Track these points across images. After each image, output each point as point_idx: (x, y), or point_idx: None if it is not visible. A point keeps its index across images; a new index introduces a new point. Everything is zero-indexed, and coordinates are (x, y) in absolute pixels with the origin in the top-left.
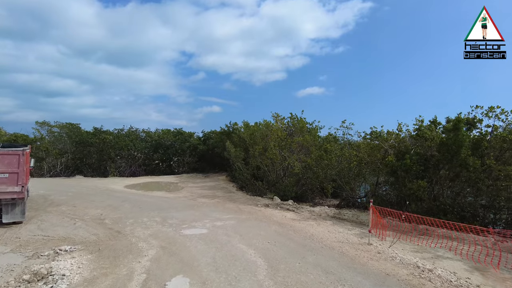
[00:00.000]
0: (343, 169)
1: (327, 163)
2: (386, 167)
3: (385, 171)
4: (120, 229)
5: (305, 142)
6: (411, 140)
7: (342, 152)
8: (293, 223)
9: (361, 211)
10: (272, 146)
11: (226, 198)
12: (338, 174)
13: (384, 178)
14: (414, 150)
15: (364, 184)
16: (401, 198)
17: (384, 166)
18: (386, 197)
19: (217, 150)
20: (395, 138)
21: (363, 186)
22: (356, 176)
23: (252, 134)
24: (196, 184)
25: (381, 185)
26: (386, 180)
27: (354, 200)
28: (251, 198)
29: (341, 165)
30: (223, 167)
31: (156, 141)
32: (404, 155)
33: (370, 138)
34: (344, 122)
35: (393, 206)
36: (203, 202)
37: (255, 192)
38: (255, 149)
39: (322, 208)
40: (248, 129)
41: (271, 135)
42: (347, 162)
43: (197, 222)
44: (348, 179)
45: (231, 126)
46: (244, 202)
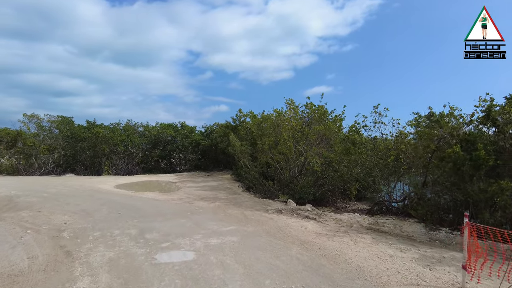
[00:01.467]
0: (376, 166)
1: (355, 158)
2: (441, 161)
3: (442, 167)
4: (74, 249)
5: (327, 131)
6: (473, 128)
7: (376, 144)
8: (321, 240)
9: (401, 219)
10: (285, 137)
11: (230, 201)
12: (368, 172)
13: (433, 177)
14: (487, 139)
15: (396, 184)
16: (461, 203)
17: (438, 161)
18: (436, 202)
19: (221, 145)
20: (456, 125)
21: (396, 187)
22: (390, 175)
23: (261, 124)
24: (196, 184)
25: (428, 186)
26: (436, 180)
27: (389, 204)
28: (260, 201)
29: (374, 161)
30: (228, 165)
31: (155, 136)
32: (473, 145)
33: (427, 123)
34: (376, 107)
35: (447, 214)
36: (200, 206)
37: (264, 193)
38: (264, 142)
39: (350, 215)
40: (255, 119)
41: (283, 125)
42: (382, 157)
43: (185, 239)
44: (380, 179)
45: (237, 118)
46: (251, 207)
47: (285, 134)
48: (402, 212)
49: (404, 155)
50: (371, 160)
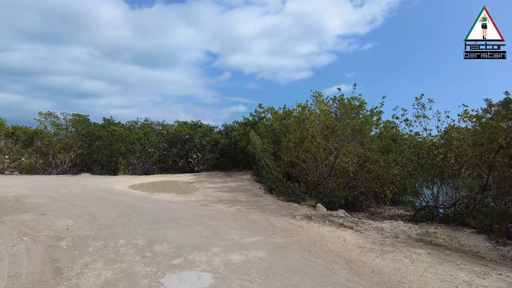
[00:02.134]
0: (420, 166)
1: (395, 157)
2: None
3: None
4: (66, 264)
5: (363, 126)
6: None
7: (422, 142)
8: (369, 258)
9: (453, 229)
10: (315, 133)
11: (251, 204)
12: (410, 172)
13: (497, 179)
14: None
15: (441, 187)
16: None
17: (509, 159)
18: (503, 210)
19: (241, 144)
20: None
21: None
22: (435, 176)
23: (283, 120)
24: (214, 185)
25: (490, 190)
26: (501, 183)
27: (435, 210)
28: (285, 205)
29: (417, 160)
30: (248, 165)
31: (173, 135)
32: None
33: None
34: (419, 99)
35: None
36: (218, 210)
37: (289, 196)
38: (289, 139)
39: (393, 223)
40: (276, 115)
41: (310, 120)
42: (426, 156)
43: (200, 253)
44: (423, 181)
45: (256, 115)
46: (276, 212)
47: (314, 130)
48: (453, 220)
49: (456, 153)
50: (414, 159)
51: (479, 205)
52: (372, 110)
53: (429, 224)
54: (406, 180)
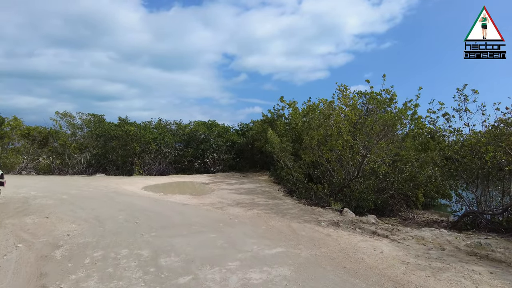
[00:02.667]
0: (463, 166)
1: (432, 155)
2: None
3: None
4: (54, 282)
5: (396, 121)
6: None
7: (467, 138)
8: (419, 279)
9: (508, 240)
10: (342, 129)
11: (270, 208)
12: (450, 173)
13: None
14: None
15: (486, 191)
16: None
17: None
18: None
19: (258, 144)
20: None
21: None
22: (479, 178)
23: (307, 115)
24: (230, 186)
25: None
26: None
27: (483, 217)
28: (308, 210)
29: (461, 159)
30: (265, 165)
31: (188, 135)
32: None
33: None
34: (461, 90)
35: None
36: (235, 214)
37: (311, 199)
38: (312, 137)
39: (435, 232)
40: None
41: (336, 115)
42: (472, 153)
43: (213, 269)
44: (465, 183)
45: (275, 112)
46: (299, 217)
47: (341, 126)
48: (507, 229)
49: (507, 152)
50: (457, 158)
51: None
52: (406, 104)
53: (476, 233)
54: (446, 181)
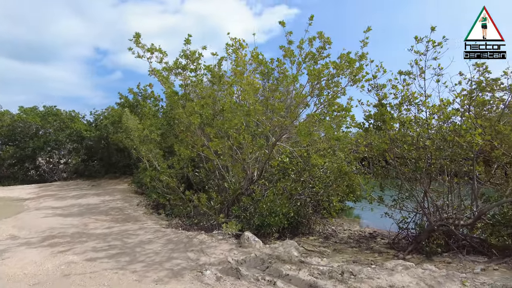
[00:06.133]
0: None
1: (384, 139)
2: None
3: None
4: None
5: (335, 77)
6: None
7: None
8: None
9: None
10: (246, 97)
11: (109, 243)
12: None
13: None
14: None
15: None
16: None
17: None
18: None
19: (114, 137)
20: None
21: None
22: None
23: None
24: (60, 202)
25: None
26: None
27: (457, 230)
28: (182, 241)
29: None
30: (129, 169)
31: (9, 127)
32: None
33: None
34: (419, 40)
35: None
36: (12, 275)
37: (190, 218)
38: (190, 111)
39: (412, 271)
40: (171, 92)
41: (240, 82)
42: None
43: None
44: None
45: (140, 92)
46: (162, 262)
47: (245, 94)
48: (497, 248)
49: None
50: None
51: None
52: (343, 56)
53: (455, 258)
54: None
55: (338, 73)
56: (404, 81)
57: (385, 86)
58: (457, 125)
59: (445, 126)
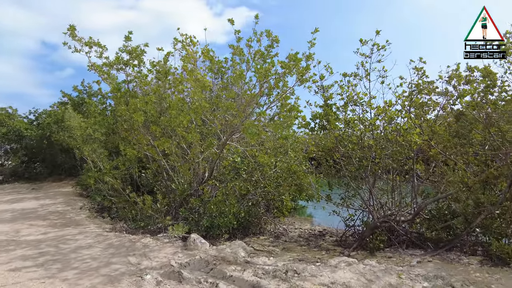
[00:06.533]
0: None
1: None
2: None
3: None
4: None
5: (282, 78)
6: None
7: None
8: None
9: (440, 257)
10: (193, 94)
11: (41, 250)
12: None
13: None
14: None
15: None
16: None
17: None
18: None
19: (56, 136)
20: None
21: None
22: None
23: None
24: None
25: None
26: None
27: (399, 226)
28: (124, 244)
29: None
30: (75, 170)
31: None
32: None
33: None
34: (364, 43)
35: None
36: None
37: (135, 221)
38: (134, 109)
39: (354, 268)
40: (109, 78)
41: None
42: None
43: None
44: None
45: (85, 89)
46: (99, 267)
47: (194, 92)
48: (436, 242)
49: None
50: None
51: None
52: (291, 56)
53: (395, 253)
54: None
55: (285, 73)
56: (349, 82)
57: (330, 87)
58: (399, 125)
59: (388, 126)
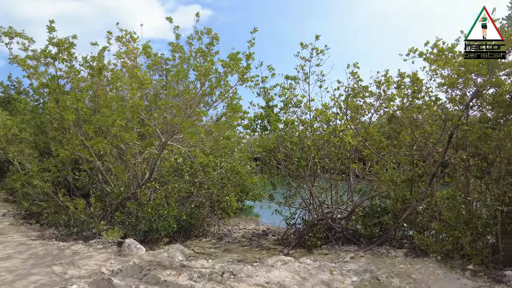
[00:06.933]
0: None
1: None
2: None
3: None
4: None
5: (223, 77)
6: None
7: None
8: None
9: (371, 252)
10: (132, 91)
11: None
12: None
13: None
14: None
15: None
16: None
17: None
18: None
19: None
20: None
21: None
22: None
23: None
24: None
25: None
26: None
27: (337, 224)
28: (51, 252)
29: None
30: (1, 173)
31: None
32: None
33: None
34: (304, 47)
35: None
36: None
37: (68, 227)
38: (62, 105)
39: (290, 265)
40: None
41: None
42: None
43: None
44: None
45: (12, 85)
46: (14, 279)
47: (132, 89)
48: (369, 238)
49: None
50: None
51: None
52: (233, 55)
53: (332, 249)
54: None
55: (226, 72)
56: (290, 85)
57: (272, 88)
58: (336, 126)
59: (326, 128)
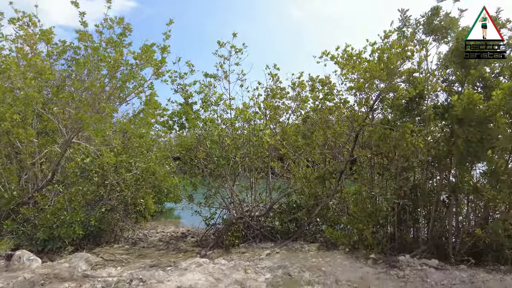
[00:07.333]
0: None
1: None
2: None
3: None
4: None
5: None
6: None
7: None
8: None
9: (286, 247)
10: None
11: None
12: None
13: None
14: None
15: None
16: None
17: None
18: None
19: None
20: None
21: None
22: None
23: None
24: None
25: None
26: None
27: (255, 222)
28: None
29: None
30: None
31: None
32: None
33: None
34: (222, 45)
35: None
36: None
37: None
38: None
39: (204, 267)
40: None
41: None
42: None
43: None
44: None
45: None
46: None
47: (28, 80)
48: (283, 234)
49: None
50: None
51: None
52: (146, 47)
53: (249, 247)
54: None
55: (137, 65)
56: (209, 83)
57: (191, 85)
58: (255, 126)
59: (246, 127)
